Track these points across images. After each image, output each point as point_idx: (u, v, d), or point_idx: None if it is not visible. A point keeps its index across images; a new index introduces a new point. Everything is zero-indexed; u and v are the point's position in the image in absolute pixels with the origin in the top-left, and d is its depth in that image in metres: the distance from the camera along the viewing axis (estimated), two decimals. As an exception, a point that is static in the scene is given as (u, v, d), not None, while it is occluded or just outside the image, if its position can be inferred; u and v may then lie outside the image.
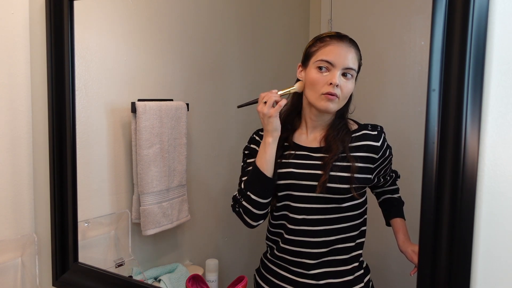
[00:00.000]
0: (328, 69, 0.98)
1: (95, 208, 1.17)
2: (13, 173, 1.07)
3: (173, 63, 1.35)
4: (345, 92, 0.99)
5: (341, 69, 0.97)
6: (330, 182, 0.97)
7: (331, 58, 0.98)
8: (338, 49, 0.99)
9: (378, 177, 1.07)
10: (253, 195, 1.01)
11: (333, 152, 0.99)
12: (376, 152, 1.02)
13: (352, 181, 0.98)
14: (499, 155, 0.58)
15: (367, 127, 1.04)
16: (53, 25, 1.03)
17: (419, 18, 1.54)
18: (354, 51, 1.01)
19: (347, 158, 0.99)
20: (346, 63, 0.98)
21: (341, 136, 1.02)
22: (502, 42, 0.57)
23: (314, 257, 1.02)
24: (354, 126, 1.06)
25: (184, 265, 1.38)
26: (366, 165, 1.01)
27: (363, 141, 1.02)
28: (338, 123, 1.05)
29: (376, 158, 1.02)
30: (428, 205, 0.62)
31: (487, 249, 0.59)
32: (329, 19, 1.84)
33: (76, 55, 1.04)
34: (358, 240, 1.06)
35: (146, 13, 1.26)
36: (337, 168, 0.98)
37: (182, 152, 1.33)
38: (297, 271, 1.04)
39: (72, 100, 1.04)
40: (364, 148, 1.01)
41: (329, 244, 1.01)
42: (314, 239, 1.01)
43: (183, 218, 1.36)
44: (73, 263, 1.07)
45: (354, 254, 1.05)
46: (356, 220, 1.04)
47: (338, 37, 1.01)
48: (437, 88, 0.60)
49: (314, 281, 1.02)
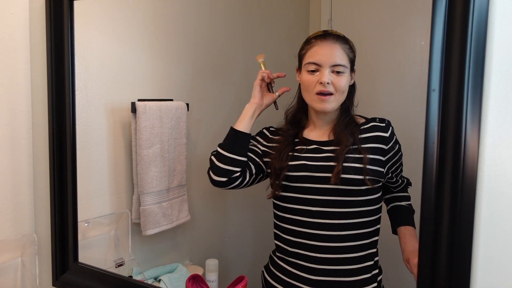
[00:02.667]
0: (317, 69, 1.02)
1: (95, 208, 1.17)
2: (13, 173, 1.07)
3: (173, 63, 1.35)
4: (339, 88, 1.01)
5: (329, 67, 1.00)
6: (344, 172, 0.98)
7: (317, 59, 1.01)
8: (322, 49, 1.01)
9: (390, 172, 1.06)
10: (219, 149, 1.10)
11: (343, 144, 1.01)
12: (385, 142, 1.03)
13: (366, 171, 0.98)
14: (499, 155, 0.58)
15: (375, 120, 1.07)
16: (53, 25, 1.03)
17: (419, 18, 1.54)
18: (340, 46, 1.02)
19: (359, 150, 1.00)
20: (332, 60, 1.00)
21: (350, 129, 1.04)
22: (502, 42, 0.57)
23: (329, 251, 1.01)
24: (361, 120, 1.09)
25: (184, 265, 1.38)
26: (377, 156, 1.01)
27: (372, 132, 1.04)
28: (344, 117, 1.06)
29: (385, 149, 1.03)
30: (428, 205, 0.62)
31: (487, 249, 0.59)
32: (329, 19, 1.84)
33: (76, 55, 1.04)
34: (372, 238, 1.05)
35: (146, 13, 1.26)
36: (350, 159, 0.99)
37: (182, 152, 1.33)
38: (309, 267, 1.03)
39: (72, 100, 1.04)
40: (373, 139, 1.03)
41: (343, 239, 1.01)
42: (328, 232, 1.01)
43: (183, 218, 1.36)
44: (73, 263, 1.07)
45: (368, 252, 1.04)
46: (370, 217, 1.04)
47: (322, 37, 1.03)
48: (437, 88, 0.60)
49: (327, 277, 1.02)
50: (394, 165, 1.07)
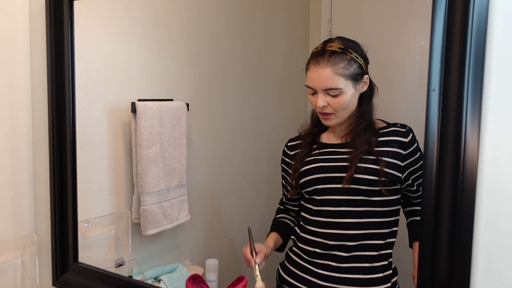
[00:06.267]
0: (315, 91, 1.03)
1: (95, 208, 1.17)
2: (13, 173, 1.07)
3: (173, 63, 1.35)
4: (337, 108, 1.02)
5: (322, 91, 1.01)
6: (357, 173, 0.99)
7: (311, 84, 1.03)
8: (314, 74, 1.01)
9: (411, 179, 1.05)
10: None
11: (358, 148, 1.02)
12: (403, 148, 1.02)
13: (381, 173, 0.98)
14: (499, 155, 0.58)
15: (396, 125, 1.07)
16: (53, 25, 1.03)
17: (419, 18, 1.54)
18: (332, 68, 0.99)
19: (373, 153, 1.01)
20: (323, 85, 1.00)
21: (368, 134, 1.04)
22: (502, 42, 0.57)
23: (344, 250, 1.02)
24: (382, 124, 1.09)
25: (184, 265, 1.38)
26: (394, 161, 1.01)
27: (391, 136, 1.04)
28: (361, 122, 1.05)
29: (403, 155, 1.02)
30: (428, 205, 0.62)
31: (487, 249, 0.59)
32: (329, 19, 1.84)
33: (76, 55, 1.04)
34: (388, 239, 1.05)
35: (146, 13, 1.26)
36: (364, 161, 1.00)
37: (182, 152, 1.33)
38: (325, 264, 1.04)
39: (72, 100, 1.04)
40: (391, 144, 1.02)
41: (357, 238, 1.02)
42: (343, 231, 1.02)
43: (183, 218, 1.36)
44: (73, 263, 1.07)
45: (383, 252, 1.04)
46: (386, 218, 1.04)
47: (315, 59, 1.02)
48: (437, 88, 0.60)
49: (343, 274, 1.03)
50: (415, 173, 1.04)
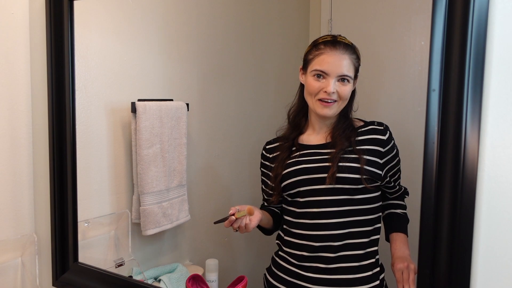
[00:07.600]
0: (323, 77, 1.02)
1: (95, 208, 1.17)
2: (13, 173, 1.07)
3: (173, 63, 1.35)
4: (343, 96, 1.03)
5: (335, 77, 1.01)
6: (339, 172, 1.00)
7: (325, 68, 1.01)
8: (331, 58, 1.01)
9: (388, 176, 1.07)
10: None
11: (339, 147, 1.03)
12: (382, 145, 1.04)
13: (362, 171, 0.99)
14: (499, 155, 0.58)
15: (374, 123, 1.09)
16: (53, 25, 1.03)
17: (419, 18, 1.54)
18: (349, 56, 1.02)
19: (354, 151, 1.02)
20: (340, 71, 1.01)
21: (347, 133, 1.05)
22: (502, 42, 0.57)
23: (331, 250, 1.02)
24: (360, 123, 1.10)
25: (184, 265, 1.38)
26: (374, 158, 1.03)
27: (369, 135, 1.05)
28: (343, 122, 1.08)
29: (382, 152, 1.04)
30: (428, 205, 0.62)
31: (487, 249, 0.59)
32: (329, 19, 1.84)
33: (76, 55, 1.04)
34: (372, 236, 1.06)
35: (146, 13, 1.26)
36: (345, 160, 1.01)
37: (182, 152, 1.33)
38: (314, 267, 1.04)
39: (72, 100, 1.04)
40: (370, 142, 1.04)
41: (342, 237, 1.02)
42: (328, 232, 1.02)
43: (183, 218, 1.36)
44: (73, 263, 1.07)
45: (369, 250, 1.05)
46: (369, 215, 1.05)
47: (331, 45, 1.02)
48: (437, 88, 0.60)
49: (332, 275, 1.03)
50: (392, 169, 1.08)
